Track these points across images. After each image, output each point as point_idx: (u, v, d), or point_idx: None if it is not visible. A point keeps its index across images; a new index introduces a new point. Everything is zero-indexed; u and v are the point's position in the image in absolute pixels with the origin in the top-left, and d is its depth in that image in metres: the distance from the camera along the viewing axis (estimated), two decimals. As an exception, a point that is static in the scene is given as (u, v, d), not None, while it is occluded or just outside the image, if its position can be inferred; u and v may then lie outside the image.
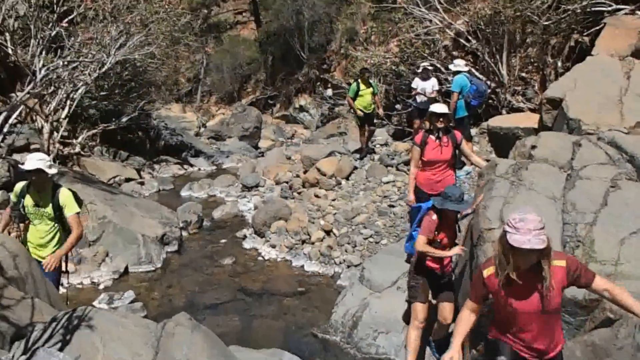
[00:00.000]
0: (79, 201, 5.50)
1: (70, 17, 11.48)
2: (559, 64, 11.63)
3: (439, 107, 6.25)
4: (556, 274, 3.10)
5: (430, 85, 10.83)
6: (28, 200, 5.15)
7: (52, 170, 5.26)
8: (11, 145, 10.64)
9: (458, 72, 9.45)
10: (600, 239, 4.32)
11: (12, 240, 4.90)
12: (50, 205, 5.14)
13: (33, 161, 5.02)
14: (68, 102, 12.19)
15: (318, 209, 9.57)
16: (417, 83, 10.97)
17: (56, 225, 5.22)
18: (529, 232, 2.93)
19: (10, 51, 10.54)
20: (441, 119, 6.14)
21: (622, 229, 4.34)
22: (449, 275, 5.10)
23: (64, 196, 5.16)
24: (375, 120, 12.06)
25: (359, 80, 11.34)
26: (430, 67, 11.46)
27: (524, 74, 12.71)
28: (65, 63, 10.51)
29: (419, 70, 11.26)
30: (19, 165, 4.03)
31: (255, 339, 6.16)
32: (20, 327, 4.00)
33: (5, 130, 3.55)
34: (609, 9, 10.66)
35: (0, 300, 4.08)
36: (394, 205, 9.19)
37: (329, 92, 21.61)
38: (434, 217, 4.78)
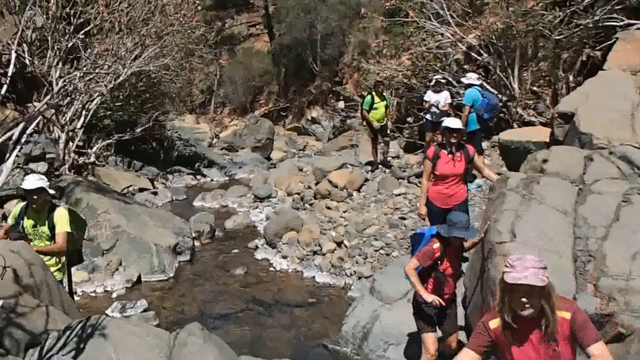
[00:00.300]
0: (79, 221, 5.57)
1: (86, 29, 11.67)
2: (571, 78, 11.64)
3: (452, 122, 6.15)
4: (559, 325, 2.88)
5: (443, 98, 10.84)
6: (27, 222, 5.20)
7: (52, 190, 5.32)
8: (28, 154, 10.79)
9: (470, 86, 9.48)
10: (611, 253, 4.30)
11: (27, 249, 4.97)
12: (46, 224, 5.19)
13: (33, 181, 5.07)
14: (84, 113, 12.36)
15: (329, 221, 9.61)
16: (430, 96, 10.97)
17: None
18: (525, 269, 2.79)
19: (27, 62, 10.72)
20: (455, 134, 6.09)
21: (634, 244, 4.32)
22: (453, 303, 4.92)
23: (58, 216, 5.20)
24: (388, 132, 12.12)
25: (374, 93, 11.40)
26: (442, 80, 11.49)
27: (535, 88, 12.71)
28: (82, 74, 10.67)
29: (431, 83, 11.31)
30: (19, 186, 4.08)
31: (266, 349, 6.18)
32: (35, 334, 4.05)
33: (22, 140, 3.63)
34: (621, 23, 10.66)
35: (15, 308, 4.14)
36: (405, 217, 9.21)
37: (341, 104, 21.72)
38: (436, 245, 4.55)
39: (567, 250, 4.44)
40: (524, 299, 2.82)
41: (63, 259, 5.39)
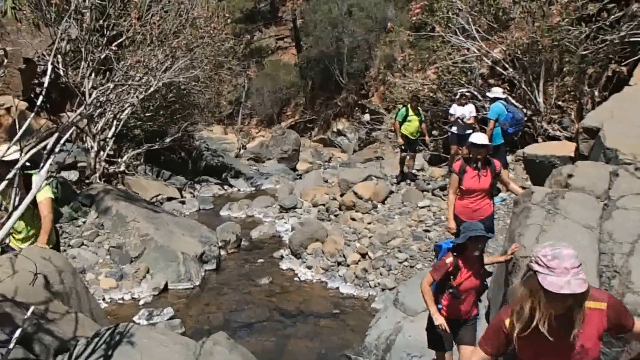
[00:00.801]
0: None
1: (119, 41, 11.97)
2: (596, 93, 11.56)
3: (479, 138, 6.13)
4: (592, 319, 2.51)
5: (468, 112, 10.87)
6: (5, 201, 5.07)
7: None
8: (61, 163, 11.03)
9: (495, 100, 9.49)
10: (637, 269, 4.26)
11: (58, 256, 5.08)
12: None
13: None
14: (115, 122, 12.61)
15: (354, 232, 9.66)
16: (455, 109, 11.02)
17: (34, 216, 5.17)
18: (566, 271, 2.36)
19: (62, 73, 11.04)
20: (481, 150, 6.09)
21: (660, 260, 4.30)
22: (473, 319, 4.81)
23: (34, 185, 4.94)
24: (417, 147, 12.13)
25: (409, 106, 11.43)
26: (467, 94, 11.52)
27: (560, 103, 12.65)
28: (114, 85, 10.94)
29: (457, 97, 11.34)
30: None
31: (290, 359, 6.25)
32: (64, 340, 4.08)
33: (56, 150, 3.70)
34: (648, 39, 10.59)
35: (45, 314, 4.19)
36: (429, 230, 9.22)
37: (367, 117, 21.78)
38: (449, 260, 4.46)
39: (592, 265, 4.42)
40: (562, 304, 2.45)
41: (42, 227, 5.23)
